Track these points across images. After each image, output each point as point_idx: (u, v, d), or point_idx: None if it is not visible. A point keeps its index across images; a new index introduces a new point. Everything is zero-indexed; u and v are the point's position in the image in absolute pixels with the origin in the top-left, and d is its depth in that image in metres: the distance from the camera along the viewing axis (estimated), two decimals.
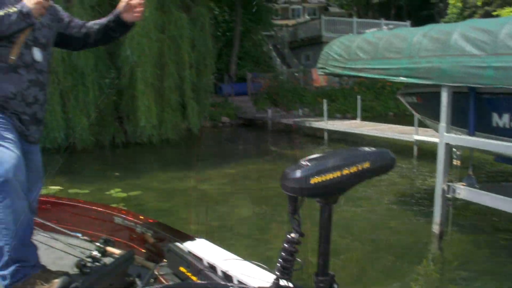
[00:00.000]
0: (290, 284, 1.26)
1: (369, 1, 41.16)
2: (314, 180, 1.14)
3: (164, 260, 2.22)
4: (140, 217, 2.60)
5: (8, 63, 1.97)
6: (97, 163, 12.49)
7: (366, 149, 1.25)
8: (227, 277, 1.86)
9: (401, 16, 37.80)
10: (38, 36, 2.09)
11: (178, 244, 2.13)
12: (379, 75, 6.59)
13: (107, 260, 2.16)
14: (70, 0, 11.81)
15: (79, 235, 2.49)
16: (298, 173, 1.15)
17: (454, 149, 5.84)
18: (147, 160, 12.79)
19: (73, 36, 2.31)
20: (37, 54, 2.08)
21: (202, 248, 2.07)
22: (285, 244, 1.25)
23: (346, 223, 6.38)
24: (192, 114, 14.80)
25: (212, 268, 1.93)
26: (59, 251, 2.41)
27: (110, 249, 2.22)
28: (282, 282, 1.26)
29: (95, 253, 2.17)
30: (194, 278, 1.99)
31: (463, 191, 5.45)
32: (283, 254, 1.25)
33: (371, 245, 5.78)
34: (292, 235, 1.24)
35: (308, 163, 1.17)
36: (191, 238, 2.21)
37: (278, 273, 1.27)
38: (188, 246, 2.09)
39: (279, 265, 1.26)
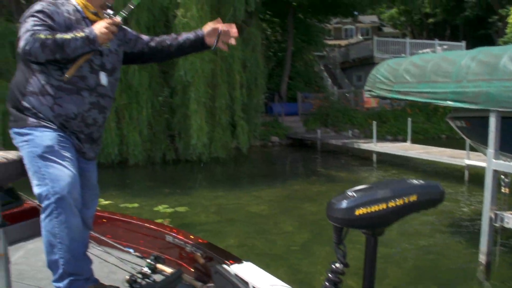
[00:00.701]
0: None
1: (423, 21, 40.49)
2: (360, 211, 1.14)
3: (211, 281, 2.27)
4: (191, 236, 2.65)
5: (73, 84, 2.05)
6: (148, 178, 12.79)
7: (415, 181, 1.24)
8: None
9: (456, 36, 36.88)
10: (105, 62, 2.17)
11: (225, 266, 2.16)
12: (426, 99, 6.48)
13: (157, 277, 2.22)
14: (127, 22, 12.32)
15: (131, 250, 2.56)
16: (343, 204, 1.16)
17: (502, 176, 5.60)
18: (196, 178, 13.00)
19: (141, 52, 2.39)
20: (103, 78, 2.16)
21: (248, 272, 2.08)
22: (329, 274, 1.25)
23: (388, 246, 6.24)
24: (242, 133, 14.95)
25: None
26: (112, 265, 2.50)
27: (160, 266, 2.29)
28: None
29: (145, 269, 2.24)
30: None
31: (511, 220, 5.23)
32: (327, 284, 1.25)
33: (414, 271, 5.61)
34: (337, 265, 1.24)
35: (354, 194, 1.18)
36: (238, 260, 2.23)
37: None
38: (235, 268, 2.12)
39: None
